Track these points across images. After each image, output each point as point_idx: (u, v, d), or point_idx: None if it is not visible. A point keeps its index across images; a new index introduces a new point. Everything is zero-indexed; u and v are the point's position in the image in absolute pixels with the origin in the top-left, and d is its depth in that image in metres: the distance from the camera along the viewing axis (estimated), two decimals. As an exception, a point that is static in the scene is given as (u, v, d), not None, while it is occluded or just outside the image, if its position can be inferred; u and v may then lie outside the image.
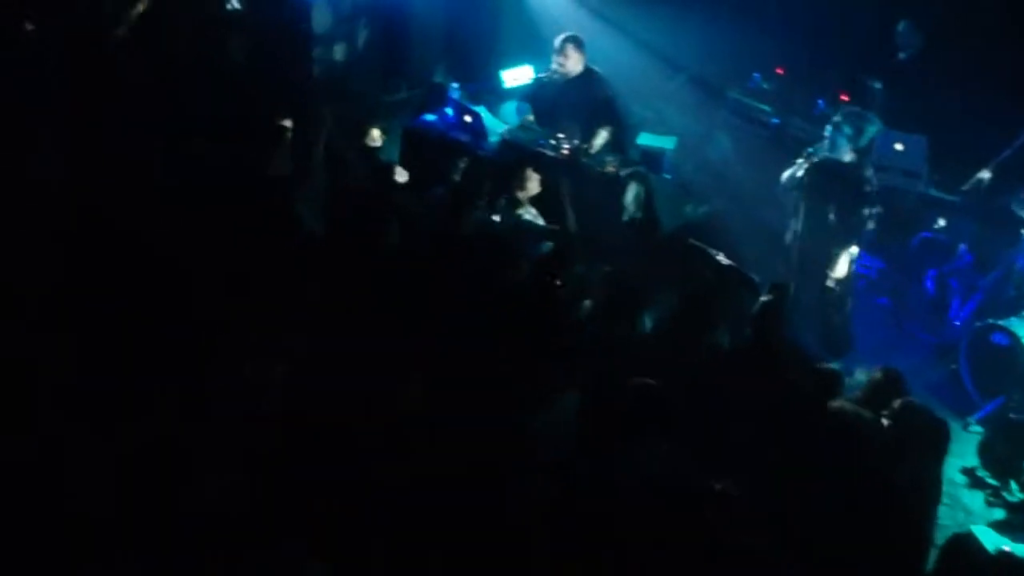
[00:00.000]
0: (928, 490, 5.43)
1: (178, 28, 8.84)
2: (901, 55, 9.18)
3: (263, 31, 9.39)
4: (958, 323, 8.45)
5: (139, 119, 7.20)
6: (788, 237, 8.04)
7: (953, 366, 8.25)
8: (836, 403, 5.63)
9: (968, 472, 7.15)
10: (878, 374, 6.08)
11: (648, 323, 6.78)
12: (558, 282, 6.66)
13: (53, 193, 6.24)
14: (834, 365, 6.56)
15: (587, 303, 6.70)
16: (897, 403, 5.49)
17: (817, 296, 7.84)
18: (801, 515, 5.03)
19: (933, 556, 5.20)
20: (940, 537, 5.35)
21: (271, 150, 7.26)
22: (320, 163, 7.56)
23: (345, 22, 10.49)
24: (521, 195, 8.10)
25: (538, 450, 5.17)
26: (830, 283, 7.76)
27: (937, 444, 5.41)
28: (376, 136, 8.21)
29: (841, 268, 7.72)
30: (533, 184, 8.14)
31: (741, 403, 5.60)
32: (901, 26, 9.18)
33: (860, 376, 7.26)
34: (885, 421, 5.46)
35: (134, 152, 6.87)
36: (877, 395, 5.85)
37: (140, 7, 8.44)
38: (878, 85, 9.16)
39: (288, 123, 7.46)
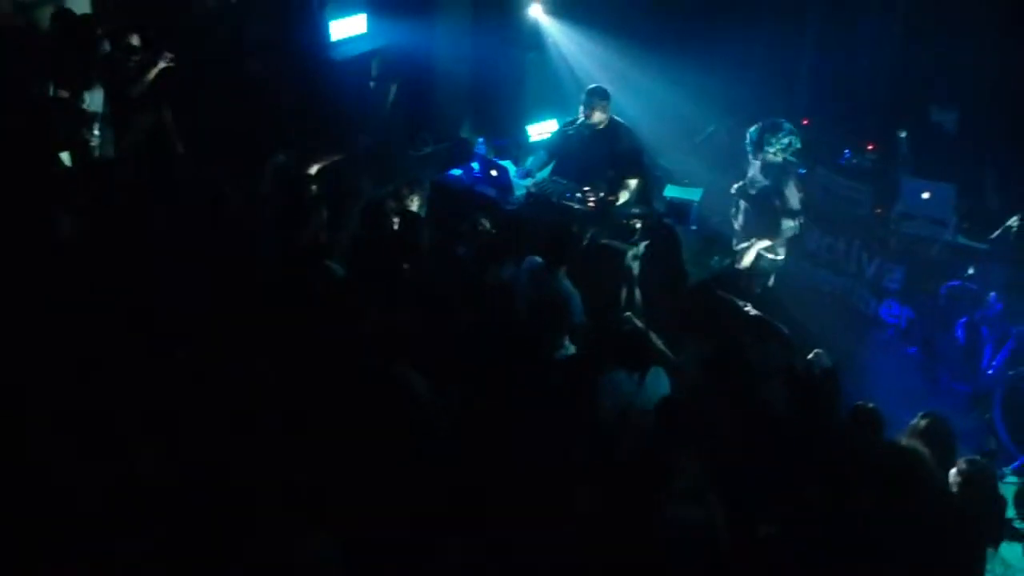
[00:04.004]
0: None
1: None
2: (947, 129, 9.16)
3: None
4: (991, 372, 8.36)
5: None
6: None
7: (987, 415, 8.17)
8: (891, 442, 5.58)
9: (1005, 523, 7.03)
10: (922, 421, 6.00)
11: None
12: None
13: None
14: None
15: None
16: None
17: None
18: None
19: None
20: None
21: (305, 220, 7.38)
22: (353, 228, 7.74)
23: (375, 80, 10.64)
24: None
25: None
26: (738, 264, 8.77)
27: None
28: (415, 201, 8.22)
29: (748, 259, 8.73)
30: None
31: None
32: (933, 113, 9.13)
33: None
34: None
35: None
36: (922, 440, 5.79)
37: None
38: (903, 134, 9.14)
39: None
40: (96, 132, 8.48)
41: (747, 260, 8.71)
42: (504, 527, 4.86)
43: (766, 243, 8.68)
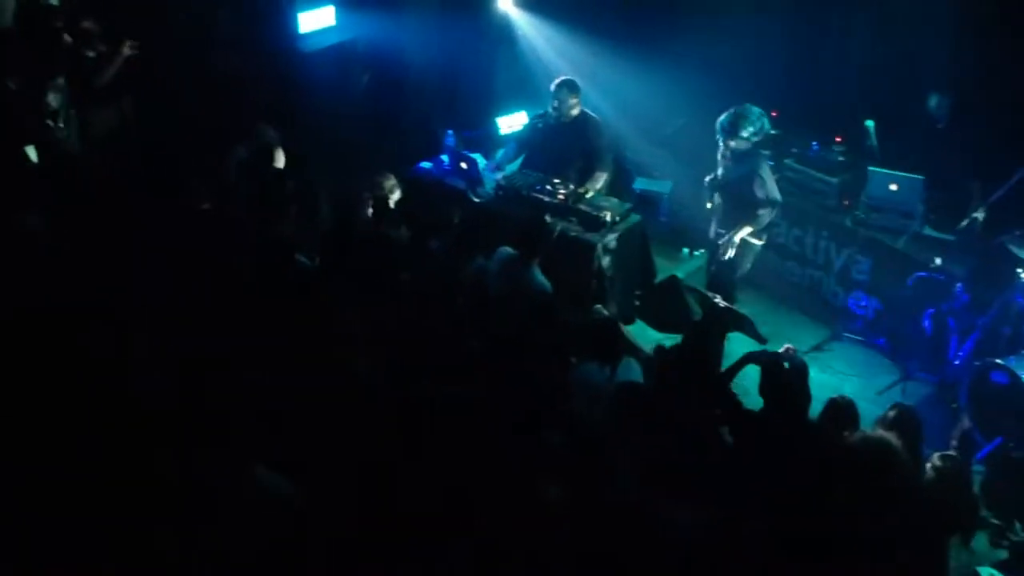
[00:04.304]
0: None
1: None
2: (939, 126, 9.11)
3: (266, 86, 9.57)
4: (957, 362, 8.44)
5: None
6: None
7: (953, 405, 8.25)
8: (861, 433, 5.62)
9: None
10: (891, 412, 6.06)
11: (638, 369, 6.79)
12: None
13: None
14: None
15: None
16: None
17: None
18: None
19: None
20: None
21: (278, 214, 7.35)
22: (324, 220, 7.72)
23: (342, 72, 10.59)
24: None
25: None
26: (722, 255, 8.73)
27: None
28: (392, 187, 8.14)
29: (732, 250, 8.66)
30: None
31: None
32: (934, 101, 9.08)
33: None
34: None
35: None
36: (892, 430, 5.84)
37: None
38: (870, 124, 9.20)
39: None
40: (61, 125, 8.40)
41: (731, 251, 8.65)
42: (475, 520, 4.85)
43: (748, 230, 8.63)
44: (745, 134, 8.42)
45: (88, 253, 6.35)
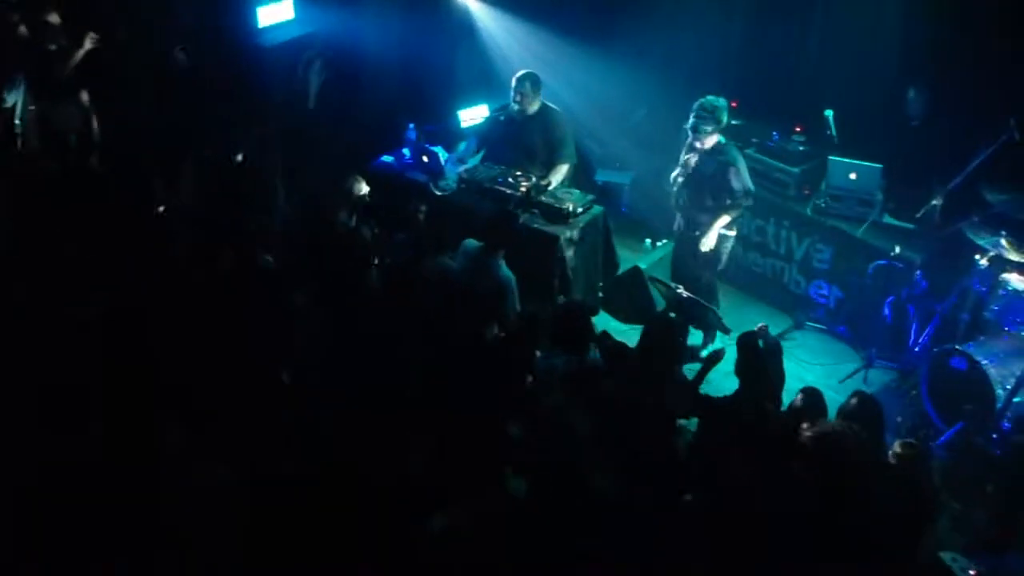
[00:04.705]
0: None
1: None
2: (914, 123, 9.12)
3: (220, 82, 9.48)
4: (917, 349, 8.52)
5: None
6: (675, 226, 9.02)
7: (914, 392, 8.33)
8: (822, 423, 5.66)
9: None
10: (852, 400, 6.12)
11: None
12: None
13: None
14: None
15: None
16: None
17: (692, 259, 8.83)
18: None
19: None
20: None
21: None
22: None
23: (300, 65, 10.52)
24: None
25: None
26: (703, 248, 8.65)
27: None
28: (358, 186, 8.07)
29: (710, 242, 8.64)
30: None
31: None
32: (911, 94, 9.03)
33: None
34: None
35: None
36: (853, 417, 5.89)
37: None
38: (829, 112, 9.24)
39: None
40: (18, 121, 8.29)
41: (709, 243, 8.61)
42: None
43: (725, 220, 8.60)
44: (711, 128, 8.38)
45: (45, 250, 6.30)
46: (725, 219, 8.59)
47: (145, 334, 5.63)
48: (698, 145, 8.48)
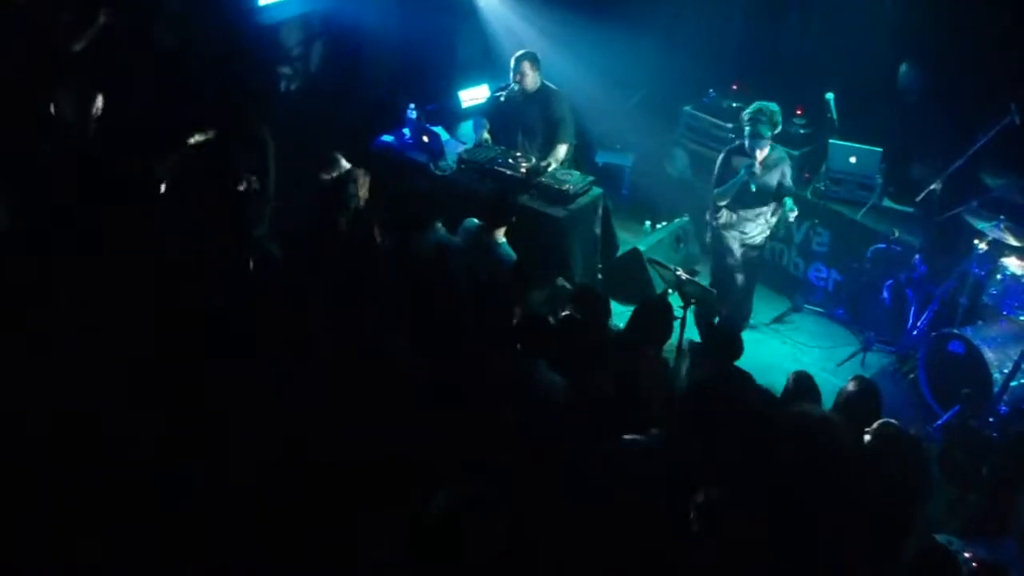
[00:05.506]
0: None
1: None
2: (909, 99, 9.09)
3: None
4: (915, 333, 8.54)
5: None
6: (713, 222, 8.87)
7: (911, 375, 8.35)
8: (802, 407, 5.65)
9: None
10: (852, 384, 6.12)
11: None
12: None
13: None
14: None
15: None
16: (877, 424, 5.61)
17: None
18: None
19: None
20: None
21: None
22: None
23: (300, 44, 10.47)
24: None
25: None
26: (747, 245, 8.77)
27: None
28: (362, 182, 8.04)
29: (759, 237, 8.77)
30: None
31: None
32: (904, 68, 9.03)
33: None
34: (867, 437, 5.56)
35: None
36: (850, 406, 5.90)
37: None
38: (830, 96, 9.22)
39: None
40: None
41: (759, 238, 8.75)
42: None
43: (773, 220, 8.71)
44: (768, 133, 8.29)
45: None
46: (773, 219, 8.72)
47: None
48: (758, 154, 8.34)
